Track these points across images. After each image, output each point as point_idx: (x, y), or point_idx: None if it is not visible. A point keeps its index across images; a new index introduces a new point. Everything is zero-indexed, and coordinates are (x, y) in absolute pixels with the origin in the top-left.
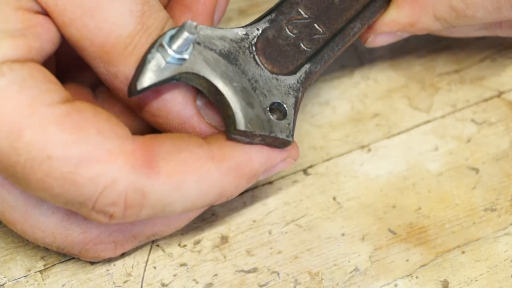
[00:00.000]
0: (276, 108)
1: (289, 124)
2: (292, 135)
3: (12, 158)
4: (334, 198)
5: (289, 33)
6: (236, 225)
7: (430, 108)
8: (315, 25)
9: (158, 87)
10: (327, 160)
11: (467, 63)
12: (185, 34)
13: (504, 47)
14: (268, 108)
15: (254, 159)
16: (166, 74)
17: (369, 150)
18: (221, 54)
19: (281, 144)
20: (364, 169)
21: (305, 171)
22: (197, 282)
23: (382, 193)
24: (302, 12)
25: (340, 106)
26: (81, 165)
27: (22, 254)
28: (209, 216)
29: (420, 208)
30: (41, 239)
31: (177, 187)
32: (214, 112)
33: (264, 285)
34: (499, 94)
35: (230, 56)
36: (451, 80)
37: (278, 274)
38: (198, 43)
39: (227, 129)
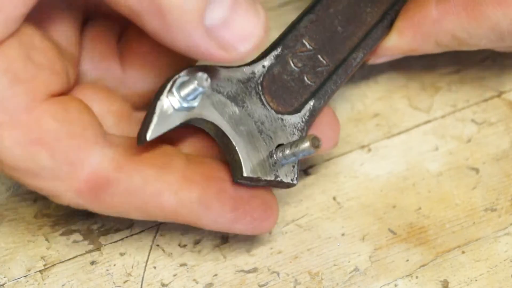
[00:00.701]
0: (284, 149)
1: (293, 166)
2: (297, 178)
3: None
4: (334, 198)
5: (294, 67)
6: None
7: (430, 108)
8: (319, 56)
9: None
10: (327, 160)
11: (467, 63)
12: (195, 86)
13: None
14: (273, 151)
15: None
16: (175, 122)
17: (369, 150)
18: (228, 97)
19: (286, 186)
20: (364, 169)
21: (305, 171)
22: (197, 282)
23: (382, 193)
24: (307, 44)
25: (340, 106)
26: (29, 177)
27: (22, 254)
28: None
29: (420, 208)
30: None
31: (119, 213)
32: None
33: (264, 285)
34: (499, 94)
35: (237, 98)
36: (451, 80)
37: (278, 274)
38: None
39: (233, 173)
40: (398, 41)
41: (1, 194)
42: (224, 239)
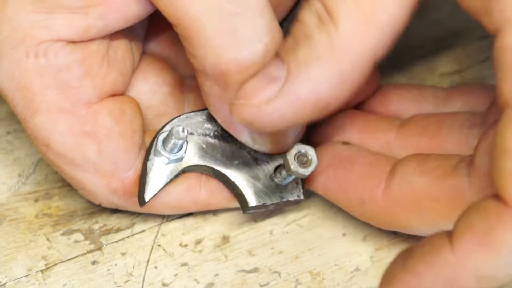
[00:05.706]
0: (281, 170)
1: (297, 183)
2: (303, 193)
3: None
4: None
5: None
6: (237, 225)
7: None
8: None
9: None
10: None
11: (468, 63)
12: (174, 140)
13: None
14: (273, 175)
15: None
16: (169, 176)
17: None
18: (215, 136)
19: (295, 203)
20: None
21: None
22: (198, 282)
23: None
24: None
25: None
26: (71, 166)
27: (23, 254)
28: (210, 216)
29: None
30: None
31: (152, 211)
32: None
33: (265, 285)
34: None
35: (224, 135)
36: (453, 80)
37: (279, 274)
38: (191, 133)
39: (241, 205)
40: None
41: (2, 194)
42: (226, 239)
